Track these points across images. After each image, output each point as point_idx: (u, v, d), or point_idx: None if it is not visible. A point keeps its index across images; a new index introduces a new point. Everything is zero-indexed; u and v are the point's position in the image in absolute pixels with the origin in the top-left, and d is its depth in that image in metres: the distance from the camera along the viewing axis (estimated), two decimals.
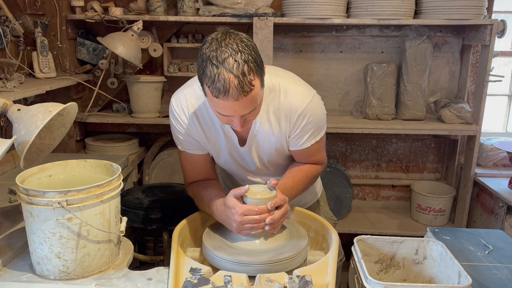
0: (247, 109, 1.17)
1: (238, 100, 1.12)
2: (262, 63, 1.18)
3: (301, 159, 1.48)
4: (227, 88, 1.10)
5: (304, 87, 1.40)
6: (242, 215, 1.21)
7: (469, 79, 2.75)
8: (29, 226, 1.17)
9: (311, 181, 1.51)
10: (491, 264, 1.38)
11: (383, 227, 2.79)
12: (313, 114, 1.36)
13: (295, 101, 1.34)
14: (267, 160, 1.47)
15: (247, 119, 1.24)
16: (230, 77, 1.09)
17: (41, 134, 1.38)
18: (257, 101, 1.18)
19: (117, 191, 1.23)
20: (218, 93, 1.11)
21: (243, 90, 1.11)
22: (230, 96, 1.11)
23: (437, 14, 2.40)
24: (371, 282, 1.12)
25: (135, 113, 2.66)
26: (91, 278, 1.20)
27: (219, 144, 1.43)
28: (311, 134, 1.39)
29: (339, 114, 2.85)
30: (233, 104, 1.14)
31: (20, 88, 1.88)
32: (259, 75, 1.15)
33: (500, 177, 2.64)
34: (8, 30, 2.06)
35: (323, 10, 2.40)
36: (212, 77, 1.10)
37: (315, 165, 1.49)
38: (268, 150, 1.43)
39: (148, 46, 2.62)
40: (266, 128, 1.38)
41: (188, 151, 1.46)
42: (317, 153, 1.47)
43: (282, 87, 1.35)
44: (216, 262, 1.22)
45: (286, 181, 1.40)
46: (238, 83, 1.10)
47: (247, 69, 1.11)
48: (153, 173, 2.79)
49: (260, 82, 1.17)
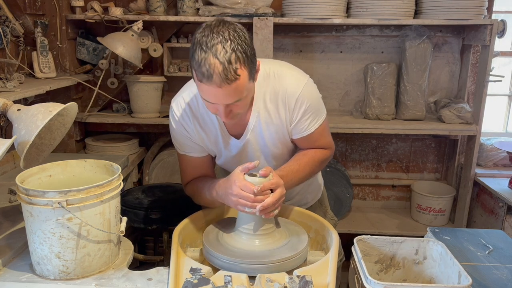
0: (230, 98, 1.17)
1: (221, 87, 1.13)
2: (254, 56, 1.18)
3: (306, 146, 1.46)
4: (211, 73, 1.11)
5: (298, 72, 1.41)
6: (239, 188, 1.20)
7: (469, 79, 2.75)
8: (29, 226, 1.17)
9: (319, 165, 1.48)
10: (491, 264, 1.38)
11: (383, 227, 2.79)
12: (310, 98, 1.36)
13: (290, 85, 1.34)
14: (271, 154, 1.45)
15: (233, 111, 1.24)
16: (215, 63, 1.10)
17: (41, 134, 1.37)
18: (242, 93, 1.18)
19: (117, 191, 1.23)
20: (202, 77, 1.13)
21: (226, 77, 1.11)
22: (213, 82, 1.12)
23: (437, 14, 2.40)
24: (371, 282, 1.12)
25: (135, 113, 2.66)
26: (91, 278, 1.20)
27: (219, 143, 1.43)
28: (312, 119, 1.39)
29: (339, 114, 2.85)
30: (216, 90, 1.14)
31: (20, 88, 1.88)
32: (247, 66, 1.15)
33: (500, 177, 2.64)
34: (8, 30, 2.06)
35: (323, 10, 2.40)
36: (199, 61, 1.12)
37: (322, 149, 1.47)
38: (270, 141, 1.42)
39: (148, 46, 2.62)
40: (264, 117, 1.37)
41: (189, 154, 1.46)
42: (322, 138, 1.45)
43: (276, 73, 1.35)
44: (216, 262, 1.22)
45: (291, 164, 1.39)
46: (223, 70, 1.10)
47: (234, 57, 1.11)
48: (153, 173, 2.79)
49: (248, 74, 1.16)
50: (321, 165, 1.51)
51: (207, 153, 1.48)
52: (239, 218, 1.29)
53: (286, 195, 1.28)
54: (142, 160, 2.81)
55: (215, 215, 1.49)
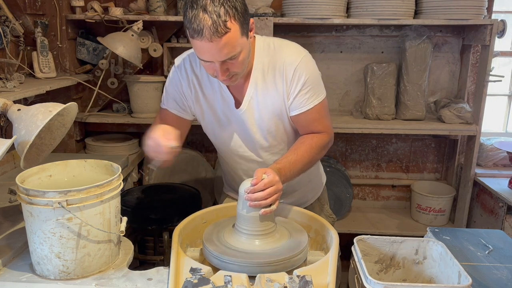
0: (223, 53, 1.19)
1: (212, 41, 1.16)
2: (246, 12, 1.21)
3: (304, 128, 1.45)
4: (201, 27, 1.14)
5: (297, 46, 1.42)
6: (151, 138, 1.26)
7: (469, 79, 2.75)
8: (29, 226, 1.17)
9: (318, 152, 1.45)
10: (491, 264, 1.38)
11: (383, 227, 2.79)
12: (308, 71, 1.37)
13: (288, 55, 1.36)
14: (267, 129, 1.44)
15: (230, 69, 1.26)
16: (204, 17, 1.14)
17: (41, 134, 1.37)
18: (235, 48, 1.20)
19: (117, 191, 1.23)
20: (193, 32, 1.16)
21: (216, 31, 1.14)
22: (204, 36, 1.15)
23: (437, 14, 2.40)
24: (371, 282, 1.12)
25: (135, 113, 2.66)
26: (91, 278, 1.20)
27: (216, 106, 1.44)
28: (311, 94, 1.38)
29: (339, 114, 2.85)
30: (208, 45, 1.17)
31: (20, 88, 1.88)
32: (237, 20, 1.18)
33: (500, 177, 2.64)
34: (8, 30, 2.06)
35: (323, 10, 2.40)
36: (190, 18, 1.16)
37: (319, 134, 1.45)
38: (266, 115, 1.41)
39: (148, 46, 2.62)
40: (262, 88, 1.38)
41: (170, 109, 1.49)
42: (321, 119, 1.44)
43: (276, 44, 1.39)
44: (216, 262, 1.22)
45: (289, 155, 1.38)
46: (212, 23, 1.14)
47: (223, 11, 1.15)
48: (153, 173, 2.79)
49: (239, 28, 1.19)
50: (321, 152, 1.47)
51: (187, 117, 1.50)
52: (239, 218, 1.29)
53: (286, 189, 1.28)
54: (142, 160, 2.81)
55: (215, 215, 1.49)
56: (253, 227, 1.27)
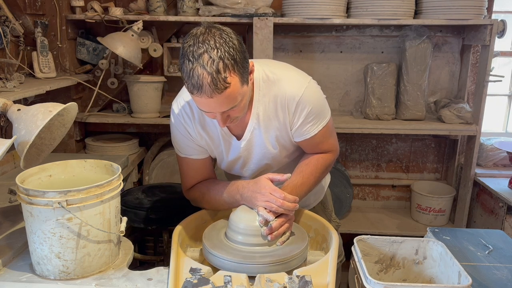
0: (224, 106, 1.16)
1: (213, 97, 1.12)
2: (245, 60, 1.16)
3: (310, 149, 1.44)
4: (200, 84, 1.10)
5: (299, 74, 1.38)
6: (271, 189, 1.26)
7: (469, 79, 2.75)
8: (29, 226, 1.17)
9: (323, 172, 1.46)
10: (491, 264, 1.38)
11: (383, 227, 2.79)
12: (312, 101, 1.33)
13: (289, 87, 1.32)
14: (272, 157, 1.44)
15: (230, 116, 1.23)
16: (203, 74, 1.09)
17: (41, 134, 1.37)
18: (236, 99, 1.17)
19: (117, 191, 1.23)
20: (193, 88, 1.12)
21: (216, 87, 1.10)
22: (203, 93, 1.11)
23: (437, 14, 2.40)
24: (371, 282, 1.12)
25: (135, 113, 2.66)
26: (91, 278, 1.20)
27: (221, 145, 1.42)
28: (315, 122, 1.36)
29: (339, 114, 2.85)
30: (208, 101, 1.13)
31: (20, 88, 1.88)
32: (237, 72, 1.13)
33: (500, 177, 2.64)
34: (8, 30, 2.06)
35: (323, 10, 2.40)
36: (188, 73, 1.11)
37: (324, 155, 1.44)
38: (270, 144, 1.40)
39: (148, 46, 2.62)
40: (264, 120, 1.35)
41: (190, 156, 1.44)
42: (326, 140, 1.43)
43: (276, 76, 1.33)
44: (216, 262, 1.22)
45: (295, 179, 1.38)
46: (212, 80, 1.09)
47: (222, 66, 1.09)
48: (153, 173, 2.79)
49: (239, 79, 1.14)
50: (326, 171, 1.49)
51: (207, 154, 1.46)
52: (239, 218, 1.29)
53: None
54: (142, 160, 2.81)
55: (215, 215, 1.49)
56: (253, 227, 1.27)
